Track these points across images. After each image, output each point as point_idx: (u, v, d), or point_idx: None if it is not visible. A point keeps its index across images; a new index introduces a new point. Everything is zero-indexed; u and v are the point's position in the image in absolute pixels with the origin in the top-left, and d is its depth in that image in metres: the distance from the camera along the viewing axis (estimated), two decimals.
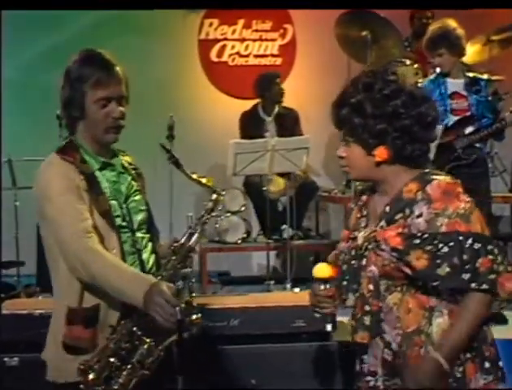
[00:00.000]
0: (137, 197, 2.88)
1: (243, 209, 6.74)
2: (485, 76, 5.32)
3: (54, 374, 2.77)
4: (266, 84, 7.01)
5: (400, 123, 2.36)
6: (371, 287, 2.41)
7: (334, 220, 7.47)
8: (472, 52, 6.48)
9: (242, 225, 6.69)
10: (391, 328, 2.40)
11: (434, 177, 2.38)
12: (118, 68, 2.76)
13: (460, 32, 5.22)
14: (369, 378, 2.49)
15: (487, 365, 2.40)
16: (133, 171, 2.93)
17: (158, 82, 7.44)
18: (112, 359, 2.64)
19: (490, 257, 2.30)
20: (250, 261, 7.48)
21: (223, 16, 7.81)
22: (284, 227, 6.50)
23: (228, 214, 6.67)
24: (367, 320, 2.43)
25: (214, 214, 2.86)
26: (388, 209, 2.42)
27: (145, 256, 2.84)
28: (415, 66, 6.43)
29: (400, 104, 2.36)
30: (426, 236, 2.31)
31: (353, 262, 2.47)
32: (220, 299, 4.90)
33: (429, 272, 2.31)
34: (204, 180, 2.93)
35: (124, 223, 2.79)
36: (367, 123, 2.36)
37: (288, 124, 6.81)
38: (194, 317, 2.67)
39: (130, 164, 2.94)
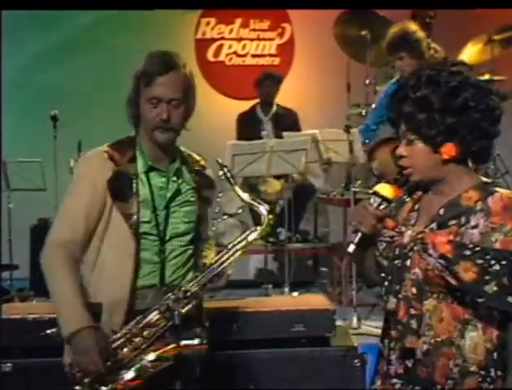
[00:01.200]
0: (186, 209, 2.88)
1: (240, 211, 6.64)
2: None
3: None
4: (257, 84, 6.97)
5: (469, 118, 2.23)
6: (415, 290, 2.31)
7: (333, 223, 7.37)
8: (474, 52, 6.45)
9: (239, 228, 6.60)
10: (419, 335, 2.31)
11: (497, 189, 2.27)
12: (178, 71, 2.77)
13: (420, 34, 5.14)
14: (395, 380, 2.40)
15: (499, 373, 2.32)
16: (195, 182, 2.92)
17: None
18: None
19: None
20: (247, 264, 7.39)
21: (220, 15, 7.78)
22: (279, 229, 6.42)
23: (225, 217, 6.58)
24: (414, 324, 2.32)
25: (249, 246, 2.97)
26: (442, 211, 2.30)
27: (170, 267, 2.84)
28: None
29: (469, 97, 2.23)
30: (478, 249, 2.21)
31: (396, 261, 2.35)
32: (218, 303, 4.82)
33: (476, 287, 2.21)
34: (256, 203, 3.01)
35: (154, 231, 2.81)
36: (434, 118, 2.24)
37: (286, 125, 6.70)
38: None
39: (197, 173, 2.94)
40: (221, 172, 2.91)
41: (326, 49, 7.27)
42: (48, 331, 2.81)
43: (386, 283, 2.38)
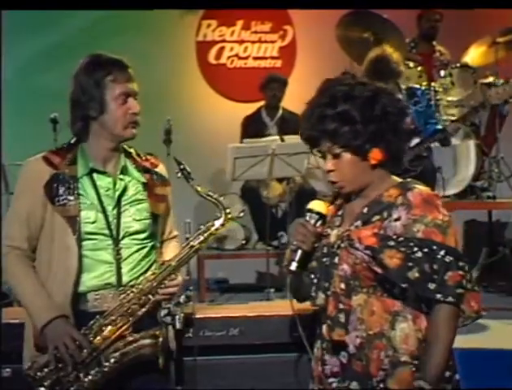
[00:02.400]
0: (138, 206, 2.88)
1: (242, 215, 6.59)
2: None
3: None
4: (263, 87, 6.93)
5: (389, 122, 2.40)
6: (343, 286, 2.42)
7: None
8: (478, 54, 6.43)
9: (241, 231, 6.57)
10: (351, 330, 2.40)
11: (416, 186, 2.43)
12: (129, 65, 2.84)
13: (397, 57, 5.25)
14: (332, 379, 2.46)
15: (447, 374, 2.40)
16: (145, 179, 2.92)
17: (155, 84, 7.30)
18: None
19: (460, 272, 2.32)
20: (249, 268, 7.34)
21: (222, 17, 7.73)
22: (281, 233, 6.38)
23: None
24: (342, 318, 2.42)
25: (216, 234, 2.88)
26: (365, 210, 2.44)
27: (126, 266, 2.83)
28: (419, 68, 6.31)
29: (386, 103, 2.40)
30: (401, 239, 2.33)
31: (324, 259, 2.46)
32: (219, 308, 4.79)
33: (399, 273, 2.33)
34: (215, 196, 2.92)
35: (105, 231, 2.81)
36: (358, 129, 2.37)
37: (292, 129, 6.60)
38: None
39: (147, 170, 2.94)
40: (179, 168, 2.87)
41: (328, 51, 7.20)
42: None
43: (315, 281, 2.48)
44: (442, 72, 6.14)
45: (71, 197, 2.78)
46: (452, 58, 6.64)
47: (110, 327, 2.73)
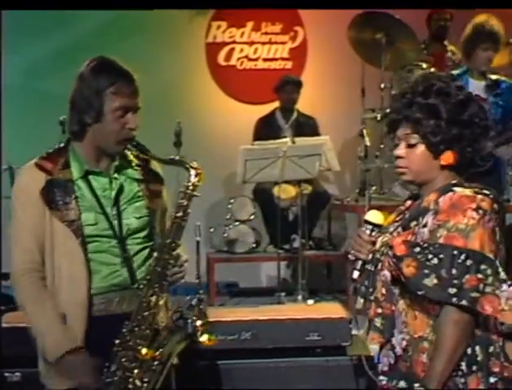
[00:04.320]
0: (136, 204, 2.83)
1: (252, 217, 6.56)
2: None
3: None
4: (277, 89, 6.87)
5: (472, 132, 2.42)
6: (384, 291, 2.46)
7: (349, 229, 7.24)
8: None
9: (251, 234, 6.53)
10: (398, 332, 2.44)
11: (454, 189, 2.41)
12: (135, 79, 2.76)
13: (501, 28, 5.15)
14: (381, 377, 2.52)
15: (492, 380, 2.38)
16: (141, 175, 2.86)
17: (165, 86, 7.27)
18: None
19: (479, 276, 2.31)
20: (259, 272, 7.30)
21: (231, 19, 7.65)
22: (293, 236, 6.32)
23: (237, 223, 6.51)
24: (378, 322, 2.47)
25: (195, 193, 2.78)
26: (407, 215, 2.49)
27: (136, 264, 2.79)
28: (432, 70, 6.24)
29: (474, 112, 2.42)
30: (425, 245, 2.35)
31: (369, 265, 2.50)
32: (231, 311, 4.74)
33: (415, 281, 2.34)
34: (177, 158, 2.85)
35: (107, 232, 2.76)
36: (441, 126, 2.39)
37: (306, 133, 6.52)
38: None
39: (142, 167, 2.88)
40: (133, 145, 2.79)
41: (339, 52, 7.15)
42: None
43: (363, 287, 2.52)
44: (456, 71, 6.08)
45: (69, 201, 2.73)
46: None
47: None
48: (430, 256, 2.32)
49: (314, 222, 6.67)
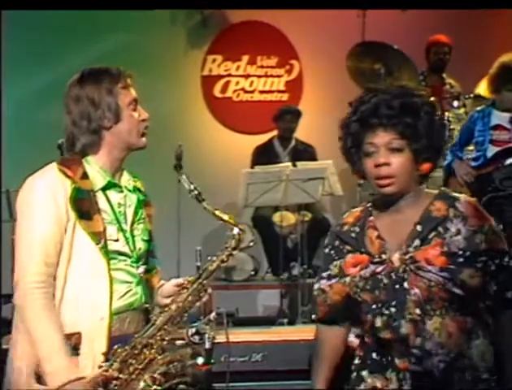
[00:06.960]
0: (141, 226, 2.72)
1: (251, 245, 6.49)
2: None
3: None
4: (277, 118, 6.89)
5: (446, 145, 2.60)
6: (418, 311, 2.29)
7: None
8: None
9: (250, 262, 6.47)
10: (432, 356, 2.28)
11: (456, 195, 2.39)
12: None
13: None
14: None
15: None
16: (141, 198, 2.77)
17: (161, 119, 7.22)
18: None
19: None
20: (256, 301, 7.20)
21: (227, 52, 7.74)
22: (292, 264, 6.27)
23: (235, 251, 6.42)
24: (424, 344, 2.29)
25: (235, 252, 2.77)
26: (419, 228, 2.33)
27: (143, 286, 2.69)
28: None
29: (449, 133, 2.52)
30: (468, 253, 2.27)
31: (396, 286, 2.31)
32: (242, 332, 4.68)
33: (481, 291, 2.29)
34: (226, 217, 2.77)
35: (125, 250, 2.63)
36: (434, 138, 2.33)
37: (304, 160, 6.53)
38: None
39: (139, 191, 2.77)
40: (191, 187, 2.71)
41: (336, 83, 7.19)
42: None
43: (387, 311, 2.31)
44: (456, 103, 6.16)
45: (94, 212, 2.56)
46: (463, 89, 6.65)
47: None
48: (489, 263, 2.28)
49: (314, 250, 6.62)
